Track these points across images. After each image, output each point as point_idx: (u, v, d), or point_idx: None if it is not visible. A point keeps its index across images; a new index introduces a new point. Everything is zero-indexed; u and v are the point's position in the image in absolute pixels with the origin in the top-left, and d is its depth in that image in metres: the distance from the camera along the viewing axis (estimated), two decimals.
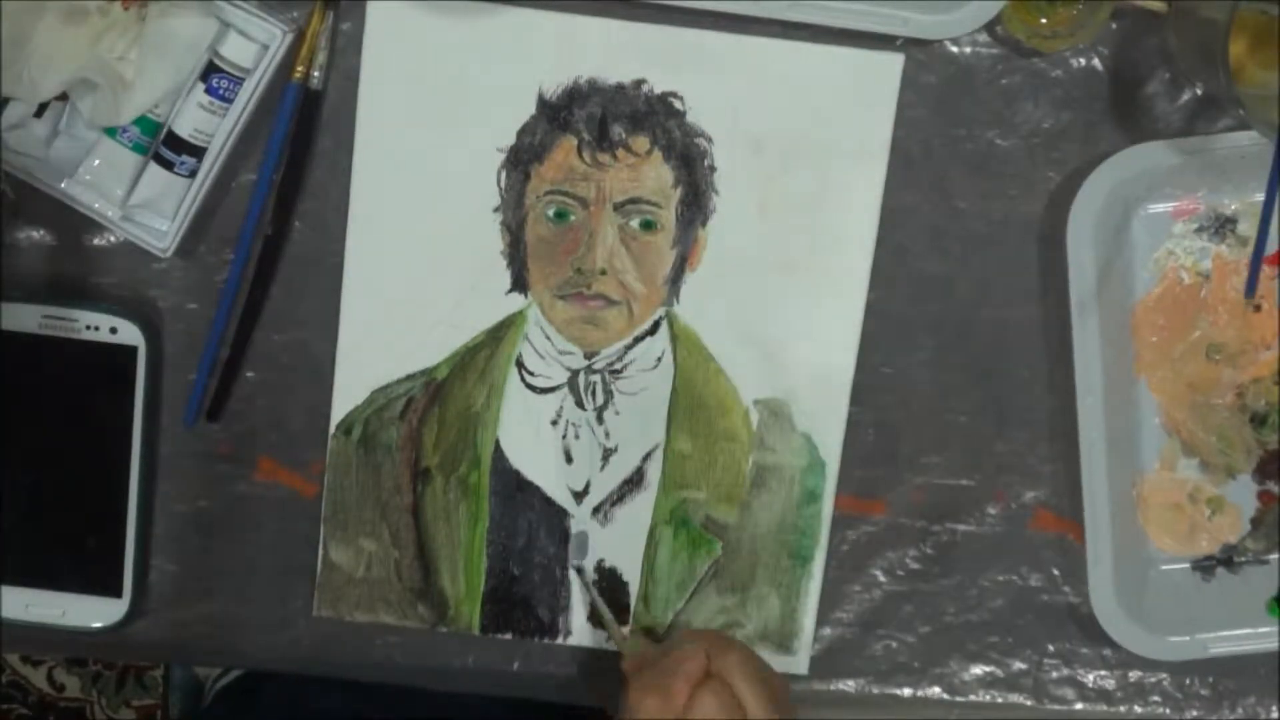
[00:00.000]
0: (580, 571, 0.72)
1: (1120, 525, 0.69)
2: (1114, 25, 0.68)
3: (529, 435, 0.71)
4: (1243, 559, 0.73)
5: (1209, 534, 0.73)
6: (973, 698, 0.74)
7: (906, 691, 0.74)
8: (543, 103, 0.69)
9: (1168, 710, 0.74)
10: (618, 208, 0.69)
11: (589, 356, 0.71)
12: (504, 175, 0.69)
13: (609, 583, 0.72)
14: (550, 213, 0.70)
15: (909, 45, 0.68)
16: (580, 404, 0.71)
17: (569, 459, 0.72)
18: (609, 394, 0.71)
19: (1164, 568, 0.73)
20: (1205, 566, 0.73)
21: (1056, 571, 0.73)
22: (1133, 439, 0.72)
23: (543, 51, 0.68)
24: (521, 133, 0.69)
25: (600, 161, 0.69)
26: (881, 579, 0.73)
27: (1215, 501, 0.73)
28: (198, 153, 0.67)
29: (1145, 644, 0.70)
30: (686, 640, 0.65)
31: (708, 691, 0.61)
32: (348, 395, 0.71)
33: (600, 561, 0.72)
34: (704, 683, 0.61)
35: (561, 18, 0.68)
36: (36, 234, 0.70)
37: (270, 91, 0.67)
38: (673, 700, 0.60)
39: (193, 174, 0.67)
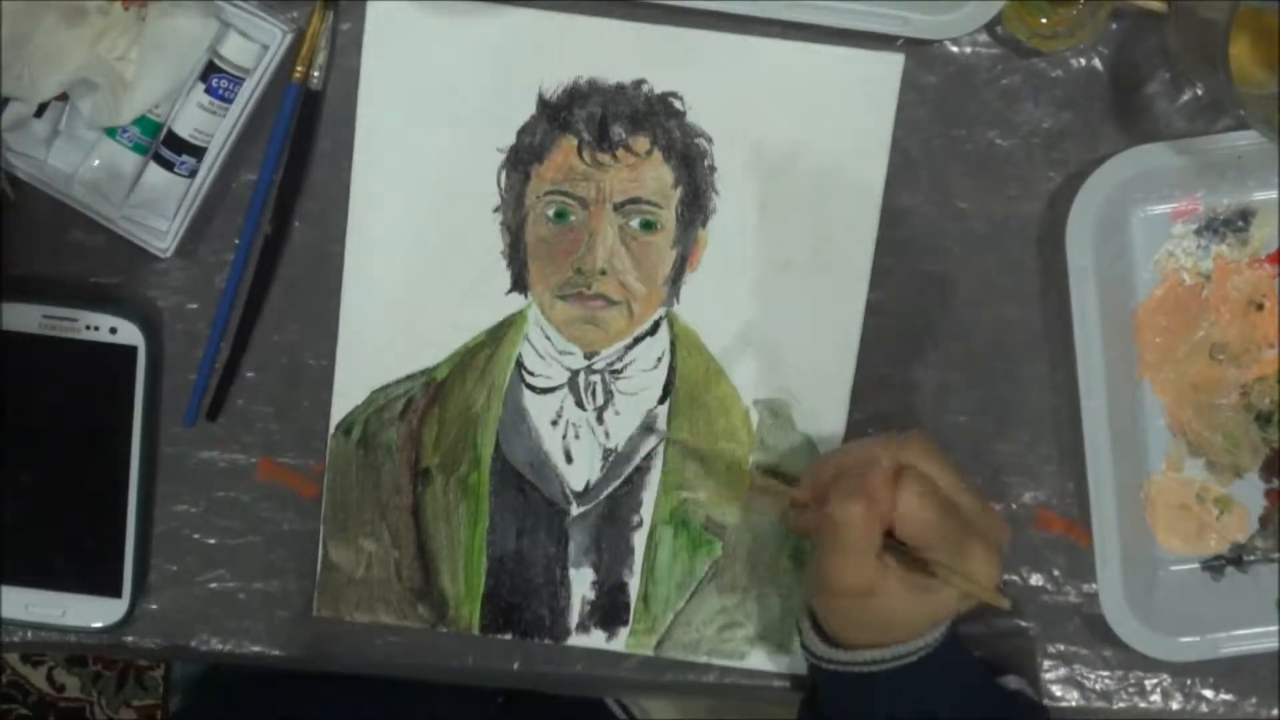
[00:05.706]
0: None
1: (1128, 527, 0.69)
2: (1114, 25, 0.68)
3: (529, 435, 0.71)
4: (1252, 558, 0.73)
5: (1217, 533, 0.73)
6: None
7: None
8: (543, 103, 0.69)
9: (1168, 710, 0.73)
10: (618, 208, 0.69)
11: (589, 356, 0.71)
12: (504, 175, 0.69)
13: (609, 583, 0.72)
14: (550, 213, 0.70)
15: (909, 45, 0.68)
16: (580, 404, 0.71)
17: (569, 459, 0.72)
18: (609, 394, 0.71)
19: (1173, 568, 0.73)
20: (1215, 566, 0.73)
21: (1057, 572, 0.73)
22: (1138, 440, 0.71)
23: (543, 51, 0.68)
24: (521, 133, 0.69)
25: (600, 161, 0.69)
26: None
27: (1223, 501, 0.72)
28: (198, 153, 0.67)
29: (1156, 645, 0.70)
30: (856, 448, 0.63)
31: (908, 481, 0.59)
32: (348, 395, 0.71)
33: (600, 561, 0.72)
34: (901, 475, 0.59)
35: (561, 18, 0.68)
36: (36, 234, 0.70)
37: (270, 91, 0.67)
38: (877, 502, 0.59)
39: (193, 174, 0.67)
